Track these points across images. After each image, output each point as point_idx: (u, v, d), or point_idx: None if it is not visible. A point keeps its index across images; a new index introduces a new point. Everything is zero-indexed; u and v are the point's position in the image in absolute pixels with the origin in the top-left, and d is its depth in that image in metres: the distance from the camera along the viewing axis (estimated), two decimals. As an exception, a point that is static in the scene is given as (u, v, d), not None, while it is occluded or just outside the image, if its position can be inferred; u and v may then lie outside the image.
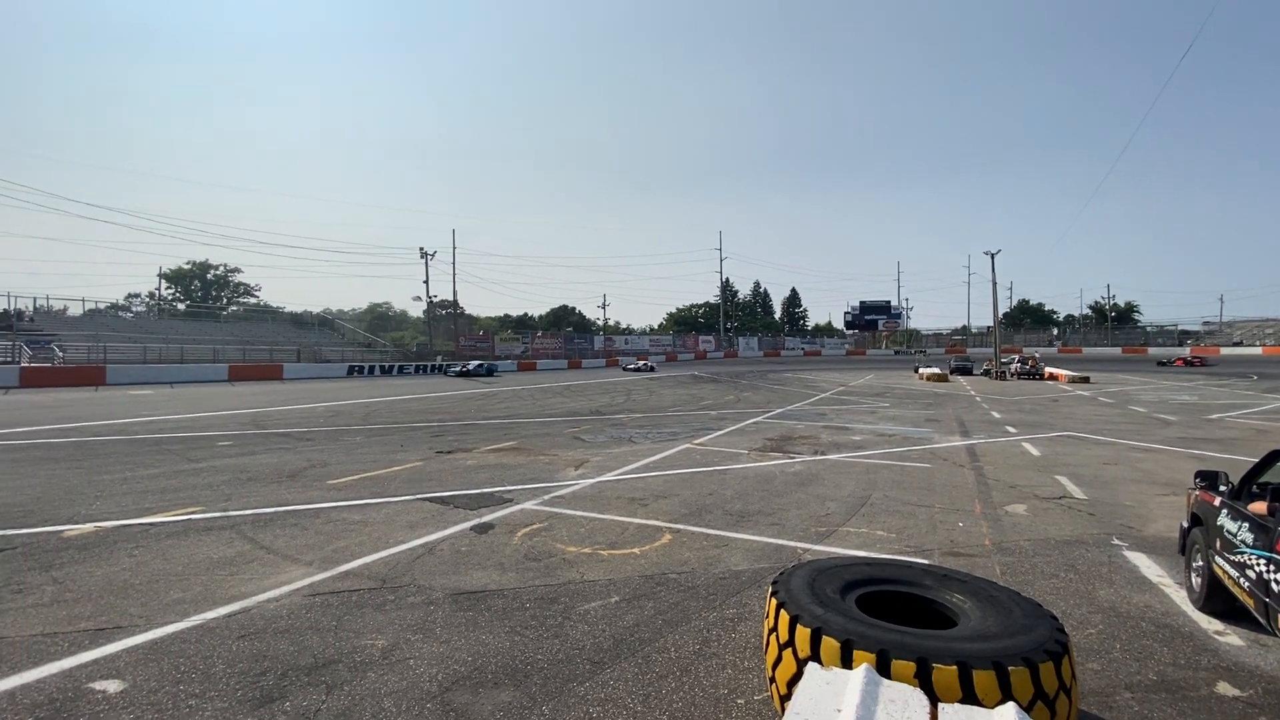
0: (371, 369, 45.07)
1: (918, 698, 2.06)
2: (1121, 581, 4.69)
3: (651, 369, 50.69)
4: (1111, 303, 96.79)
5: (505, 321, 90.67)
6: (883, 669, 2.28)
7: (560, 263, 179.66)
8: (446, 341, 64.22)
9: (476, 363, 46.35)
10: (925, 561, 4.69)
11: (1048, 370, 37.06)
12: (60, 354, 34.41)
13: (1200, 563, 4.16)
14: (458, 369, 44.80)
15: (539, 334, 78.41)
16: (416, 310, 69.39)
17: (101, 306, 50.70)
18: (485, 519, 6.29)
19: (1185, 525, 4.59)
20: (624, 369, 53.02)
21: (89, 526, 5.88)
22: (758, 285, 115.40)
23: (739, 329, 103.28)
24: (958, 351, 78.50)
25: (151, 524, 6.00)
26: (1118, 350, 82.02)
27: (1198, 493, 4.43)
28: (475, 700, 2.98)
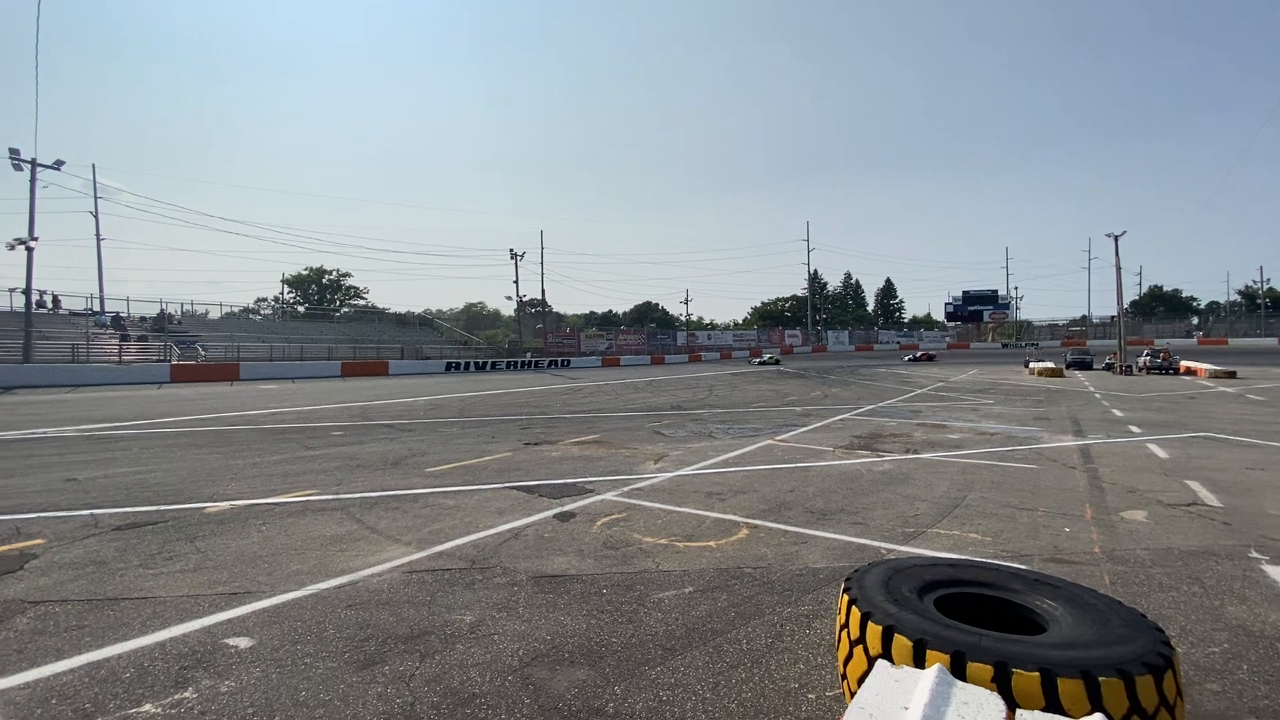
0: (467, 365, 47.55)
1: (994, 701, 1.97)
2: (1257, 598, 4.19)
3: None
4: (1266, 286, 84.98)
5: (590, 319, 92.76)
6: (957, 671, 2.20)
7: (644, 260, 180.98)
8: (535, 339, 66.53)
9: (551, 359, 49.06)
10: (1016, 565, 4.41)
11: (1184, 364, 33.27)
12: (203, 353, 38.76)
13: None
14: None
15: (622, 330, 79.50)
16: (508, 309, 72.53)
17: (235, 310, 56.72)
18: (567, 508, 6.53)
19: None
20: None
21: (225, 505, 6.64)
22: (849, 276, 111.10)
23: (828, 322, 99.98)
24: (1075, 344, 71.99)
25: (276, 503, 6.69)
26: (1274, 341, 72.10)
27: None
28: (552, 676, 3.14)
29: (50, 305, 42.64)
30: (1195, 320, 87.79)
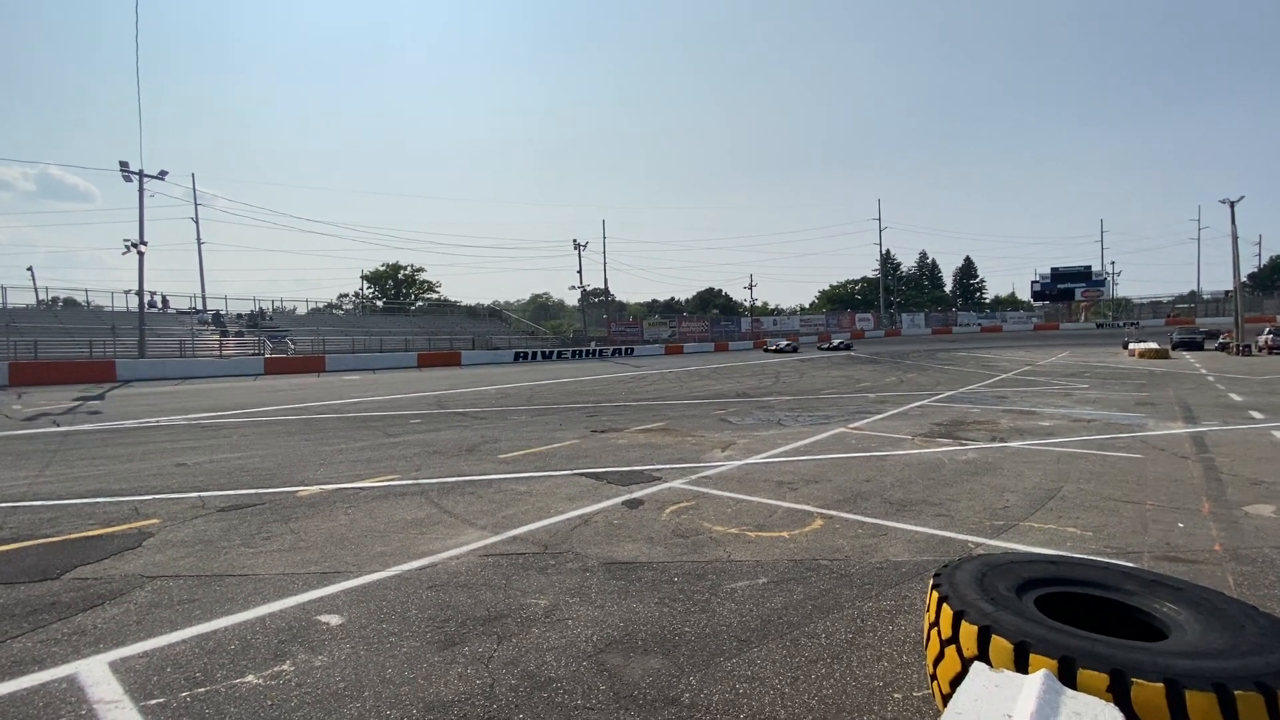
0: (534, 354, 48.61)
1: (1111, 713, 1.79)
2: None
3: (795, 349, 48.81)
4: None
5: (653, 306, 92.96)
6: (1066, 679, 2.02)
7: (706, 246, 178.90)
8: (599, 328, 67.19)
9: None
10: (1125, 564, 4.05)
11: (1313, 342, 29.90)
12: (292, 347, 41.40)
13: None
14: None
15: (685, 317, 79.09)
16: (572, 299, 73.65)
17: (320, 306, 60.31)
18: (636, 495, 6.54)
19: None
20: (766, 350, 51.48)
21: (315, 489, 7.04)
22: (924, 256, 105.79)
23: (902, 305, 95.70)
24: (1183, 322, 66.11)
25: (361, 488, 7.04)
26: None
27: None
28: (627, 663, 3.13)
29: (160, 305, 46.71)
30: (1327, 293, 78.50)
